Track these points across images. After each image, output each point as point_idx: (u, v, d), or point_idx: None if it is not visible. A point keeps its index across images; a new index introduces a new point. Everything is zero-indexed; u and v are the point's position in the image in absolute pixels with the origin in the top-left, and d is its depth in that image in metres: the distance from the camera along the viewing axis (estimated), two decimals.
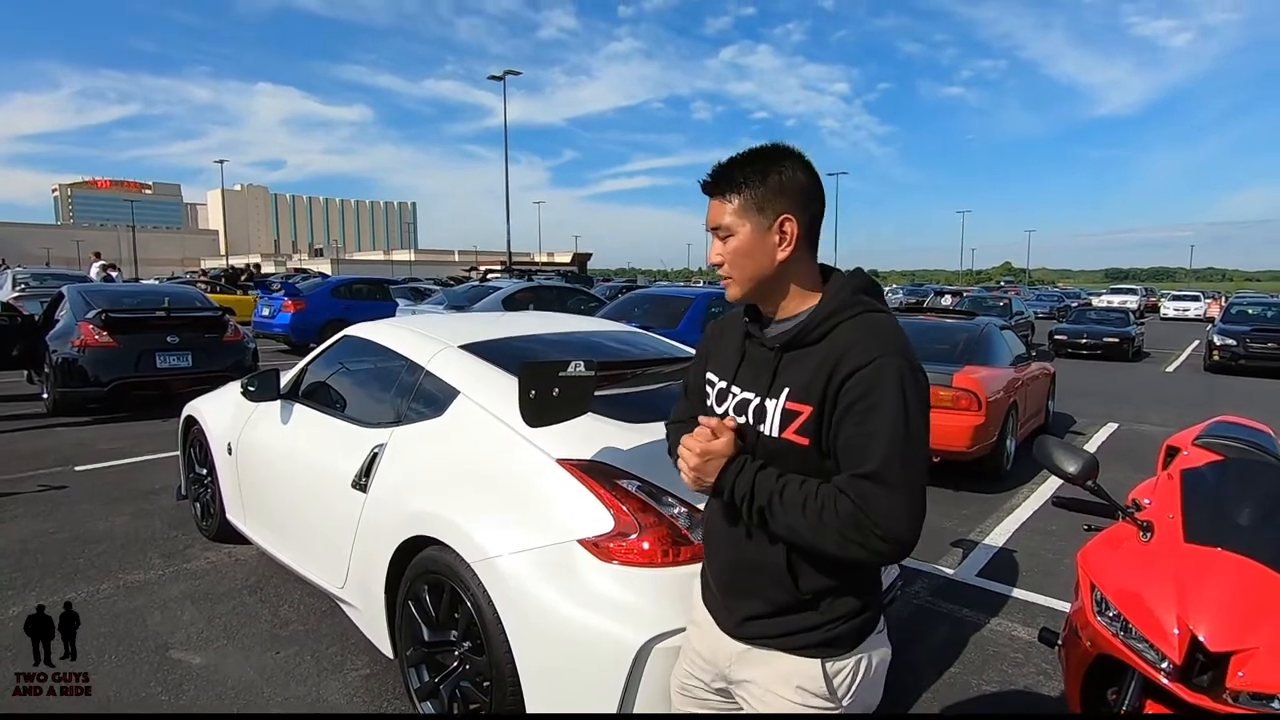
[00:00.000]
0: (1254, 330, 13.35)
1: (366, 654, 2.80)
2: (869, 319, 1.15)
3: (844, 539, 1.06)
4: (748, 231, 1.18)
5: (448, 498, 2.23)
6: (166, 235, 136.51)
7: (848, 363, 1.10)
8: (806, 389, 1.13)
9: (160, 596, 3.30)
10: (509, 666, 1.97)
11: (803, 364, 1.15)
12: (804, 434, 1.14)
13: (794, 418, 1.14)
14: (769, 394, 1.18)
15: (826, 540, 1.08)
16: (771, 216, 1.17)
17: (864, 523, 1.04)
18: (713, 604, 1.33)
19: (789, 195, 1.17)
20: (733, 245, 1.19)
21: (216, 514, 3.77)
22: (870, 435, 1.07)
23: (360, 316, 14.30)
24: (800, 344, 1.17)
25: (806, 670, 1.20)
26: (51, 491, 4.80)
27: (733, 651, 1.27)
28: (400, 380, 2.73)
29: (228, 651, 2.84)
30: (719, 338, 1.38)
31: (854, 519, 1.05)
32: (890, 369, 1.08)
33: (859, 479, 1.06)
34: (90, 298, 7.49)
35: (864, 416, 1.08)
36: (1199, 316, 31.24)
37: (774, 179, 1.17)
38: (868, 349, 1.10)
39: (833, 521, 1.06)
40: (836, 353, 1.12)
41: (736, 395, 1.25)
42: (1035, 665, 2.88)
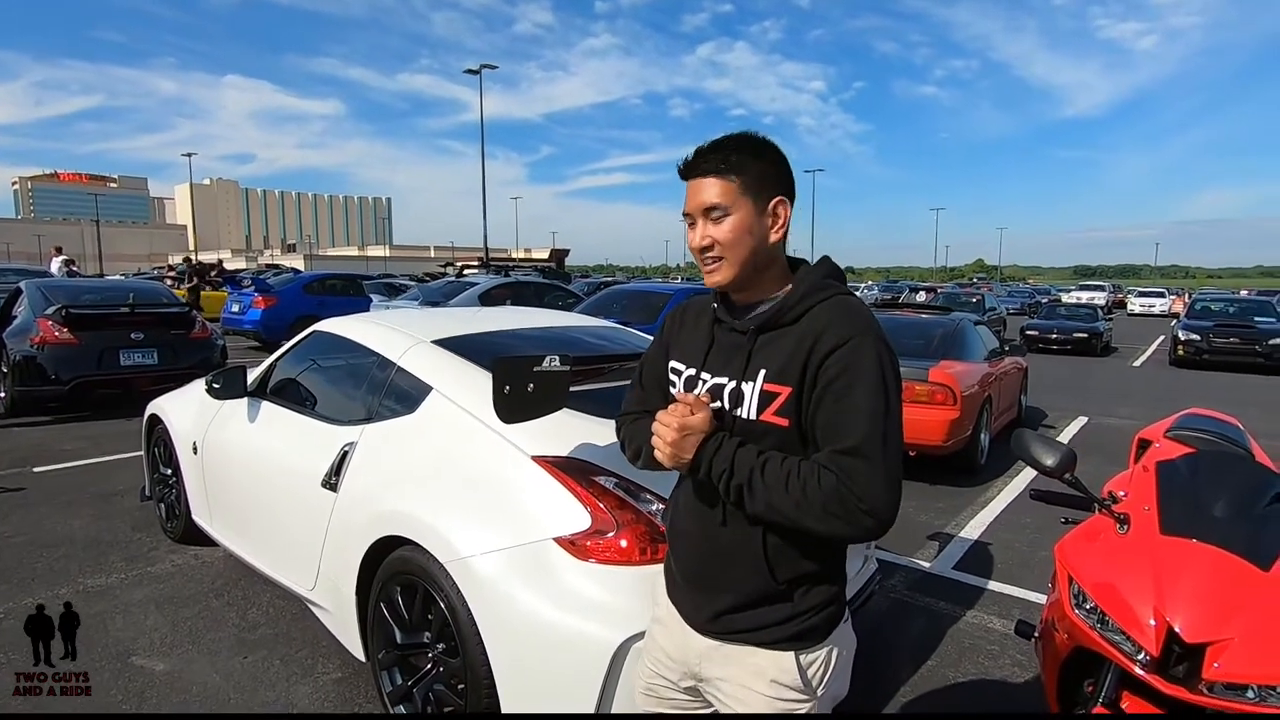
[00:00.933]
0: (1217, 326, 13.69)
1: (338, 657, 2.73)
2: (842, 301, 1.17)
3: (826, 513, 1.06)
4: (747, 211, 1.16)
5: (420, 497, 2.17)
6: (133, 230, 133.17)
7: (825, 342, 1.11)
8: (784, 370, 1.13)
9: (122, 601, 3.19)
10: (484, 668, 1.93)
11: (778, 345, 1.15)
12: (783, 415, 1.13)
13: (772, 399, 1.14)
14: (744, 377, 1.17)
15: (808, 516, 1.07)
16: (767, 199, 1.17)
17: (847, 497, 1.04)
18: (680, 599, 1.30)
19: (781, 179, 1.19)
20: (730, 225, 1.16)
21: (182, 515, 3.66)
22: (851, 411, 1.07)
23: (333, 312, 14.05)
24: (775, 326, 1.17)
25: (780, 663, 1.19)
26: (8, 494, 4.63)
27: (702, 648, 1.25)
28: (371, 376, 2.67)
29: (193, 657, 2.75)
30: (680, 326, 1.36)
31: (837, 493, 1.05)
32: (868, 347, 1.09)
33: (841, 454, 1.06)
34: (49, 293, 7.24)
35: (843, 393, 1.08)
36: (1164, 312, 32.02)
37: (767, 161, 1.18)
38: (845, 328, 1.11)
39: (816, 496, 1.06)
40: (814, 333, 1.12)
41: (708, 381, 1.23)
42: (1010, 657, 2.90)
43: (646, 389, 1.40)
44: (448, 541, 2.00)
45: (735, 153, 1.17)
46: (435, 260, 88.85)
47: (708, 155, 1.18)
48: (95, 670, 2.63)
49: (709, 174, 1.18)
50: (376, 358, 2.67)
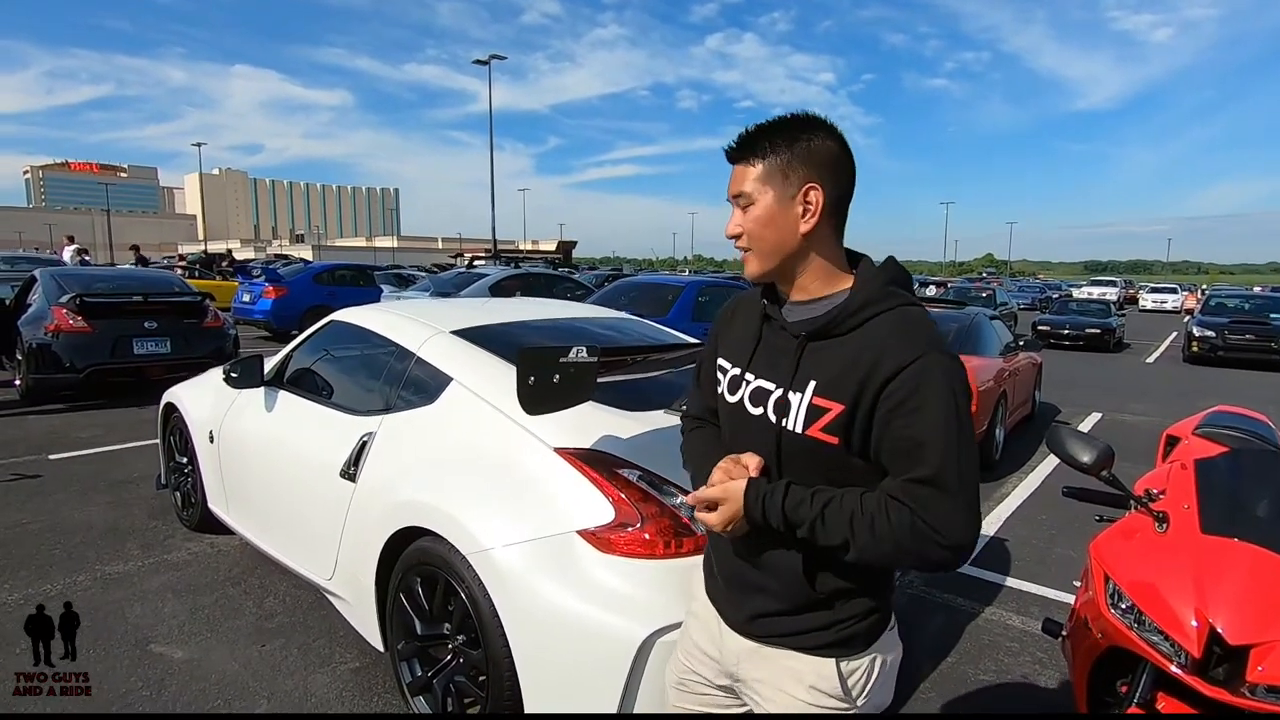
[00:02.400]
0: (1232, 322, 13.55)
1: (355, 647, 2.73)
2: (905, 313, 1.08)
3: (899, 549, 1.00)
4: (770, 199, 1.10)
5: (441, 487, 2.16)
6: (143, 220, 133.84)
7: (889, 361, 1.02)
8: (837, 385, 1.05)
9: (140, 588, 3.20)
10: (506, 661, 1.92)
11: (831, 357, 1.07)
12: (832, 432, 1.06)
13: (821, 414, 1.06)
14: (791, 386, 1.10)
15: (879, 553, 1.02)
16: (796, 185, 1.09)
17: (923, 530, 0.99)
18: (718, 598, 1.27)
19: (816, 163, 1.09)
20: (753, 214, 1.11)
21: (198, 503, 3.66)
22: (922, 438, 1.00)
23: (343, 303, 14.10)
24: (829, 334, 1.09)
25: (820, 669, 1.15)
26: (25, 481, 4.66)
27: (740, 649, 1.22)
28: (390, 366, 2.65)
29: (211, 645, 2.75)
30: (730, 320, 1.29)
31: (912, 528, 0.99)
32: (936, 367, 1.01)
33: (915, 484, 1.00)
34: (64, 281, 7.26)
35: (912, 418, 1.00)
36: (1176, 309, 31.76)
37: (801, 145, 1.09)
38: (910, 346, 1.02)
39: (886, 532, 1.00)
40: (874, 349, 1.04)
41: (752, 383, 1.17)
42: (1031, 655, 2.87)
43: (702, 387, 1.35)
44: (470, 533, 1.98)
45: (769, 135, 1.10)
46: (443, 251, 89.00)
47: (743, 139, 1.13)
48: (114, 657, 2.64)
49: (736, 160, 1.14)
50: (395, 348, 2.66)
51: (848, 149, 1.12)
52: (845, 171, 1.12)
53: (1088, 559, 1.94)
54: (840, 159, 1.11)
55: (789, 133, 1.10)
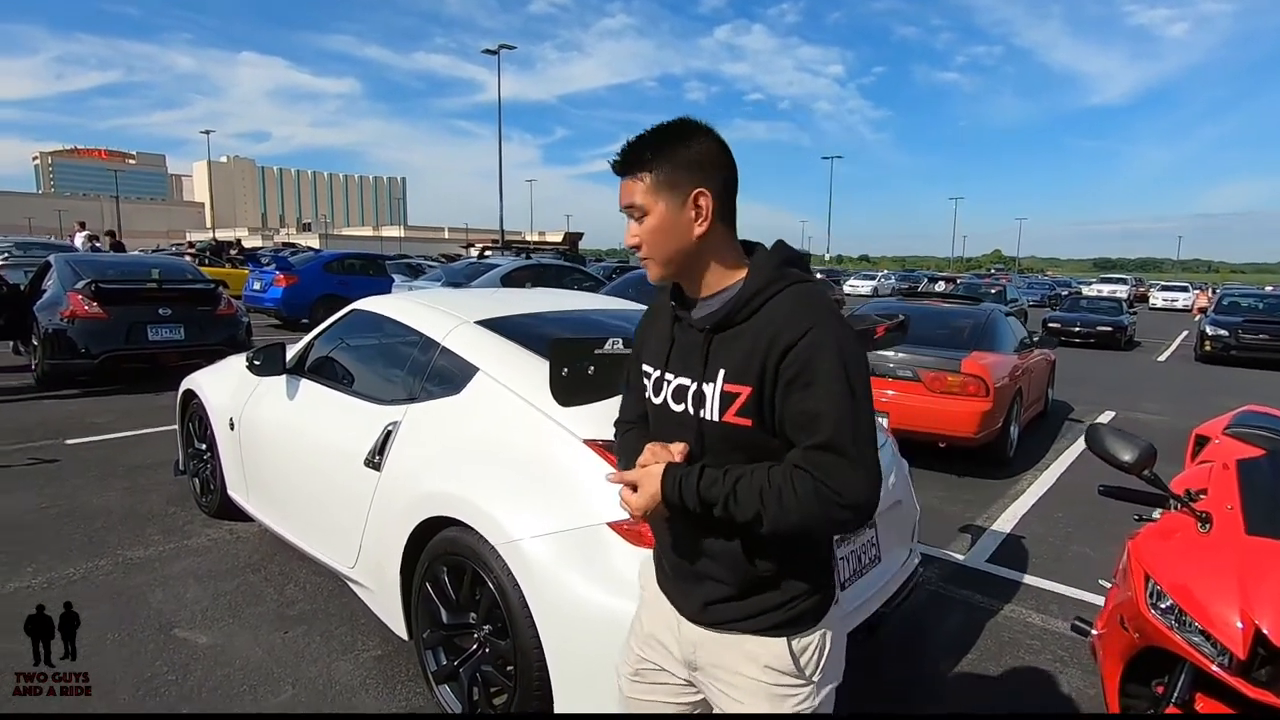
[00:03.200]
0: (1246, 321, 13.44)
1: (377, 635, 2.74)
2: (797, 291, 1.12)
3: (806, 515, 1.05)
4: (662, 209, 1.14)
5: (468, 478, 2.16)
6: (151, 207, 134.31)
7: (782, 338, 1.07)
8: (742, 369, 1.11)
9: (162, 574, 3.22)
10: (535, 652, 1.92)
11: (735, 344, 1.12)
12: (745, 415, 1.11)
13: (733, 400, 1.11)
14: (704, 378, 1.15)
15: (789, 522, 1.06)
16: (685, 192, 1.13)
17: (825, 494, 1.04)
18: (669, 590, 1.29)
19: (701, 169, 1.13)
20: (649, 225, 1.15)
21: (217, 490, 3.68)
22: (817, 408, 1.05)
23: (354, 292, 14.08)
24: (730, 324, 1.13)
25: (773, 649, 1.18)
26: (42, 465, 4.69)
27: (695, 637, 1.23)
28: (415, 356, 2.65)
29: (234, 631, 2.77)
30: (649, 325, 1.33)
31: (815, 493, 1.04)
32: (826, 338, 1.06)
33: (813, 450, 1.05)
34: (79, 267, 7.29)
35: (807, 391, 1.06)
36: (1186, 307, 31.54)
37: (683, 154, 1.13)
38: (800, 321, 1.08)
39: (793, 502, 1.05)
40: (770, 329, 1.09)
41: (671, 382, 1.21)
42: (1051, 652, 2.87)
43: (631, 392, 1.37)
44: (499, 523, 1.98)
45: (649, 148, 1.14)
46: (450, 241, 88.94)
47: (625, 154, 1.16)
48: (138, 642, 2.66)
49: (626, 174, 1.16)
50: (420, 337, 2.66)
51: (727, 148, 1.17)
52: (728, 168, 1.16)
53: (1124, 558, 1.93)
54: (721, 157, 1.15)
55: (670, 142, 1.13)
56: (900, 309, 6.44)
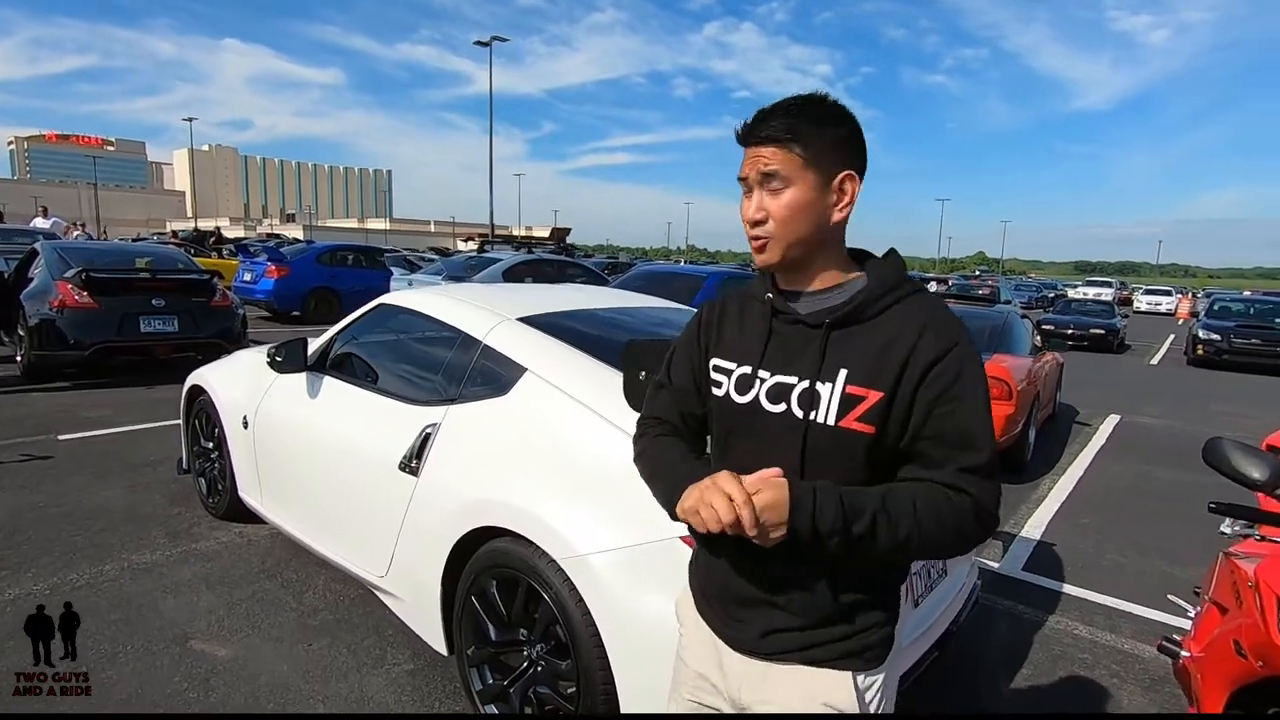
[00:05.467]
0: (1238, 326, 13.58)
1: (407, 647, 2.60)
2: (930, 300, 1.06)
3: (958, 536, 1.00)
4: (809, 185, 1.02)
5: (523, 486, 2.02)
6: (130, 195, 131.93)
7: (927, 347, 1.00)
8: (872, 372, 1.00)
9: (171, 580, 3.05)
10: (601, 674, 1.79)
11: (859, 343, 1.02)
12: (869, 421, 1.00)
13: (856, 403, 1.00)
14: (819, 376, 1.03)
15: (941, 543, 1.00)
16: (833, 172, 1.03)
17: (983, 517, 1.00)
18: (715, 618, 1.14)
19: (854, 152, 1.05)
20: (787, 199, 1.02)
21: (227, 491, 3.51)
22: (971, 426, 1.00)
23: (346, 285, 13.80)
24: (853, 320, 1.04)
25: (835, 683, 1.06)
26: (36, 461, 4.48)
27: (744, 672, 1.10)
28: (453, 354, 2.51)
29: (254, 643, 2.62)
30: (721, 318, 1.18)
31: (975, 515, 0.99)
32: (970, 357, 1.02)
33: (969, 474, 0.99)
34: (68, 255, 7.03)
35: (957, 404, 0.99)
36: (1170, 311, 31.96)
37: (841, 131, 1.04)
38: (948, 333, 1.01)
39: (951, 522, 0.98)
40: (909, 335, 1.00)
41: (767, 380, 1.07)
42: (1105, 667, 2.78)
43: (677, 391, 1.20)
44: (562, 537, 1.85)
45: (802, 118, 1.02)
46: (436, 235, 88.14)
47: (771, 118, 1.03)
48: (154, 654, 2.50)
49: (771, 141, 1.03)
50: (458, 334, 2.52)
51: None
52: (865, 161, 1.09)
53: (1215, 575, 1.84)
54: (864, 149, 1.08)
55: (823, 116, 1.04)
56: None
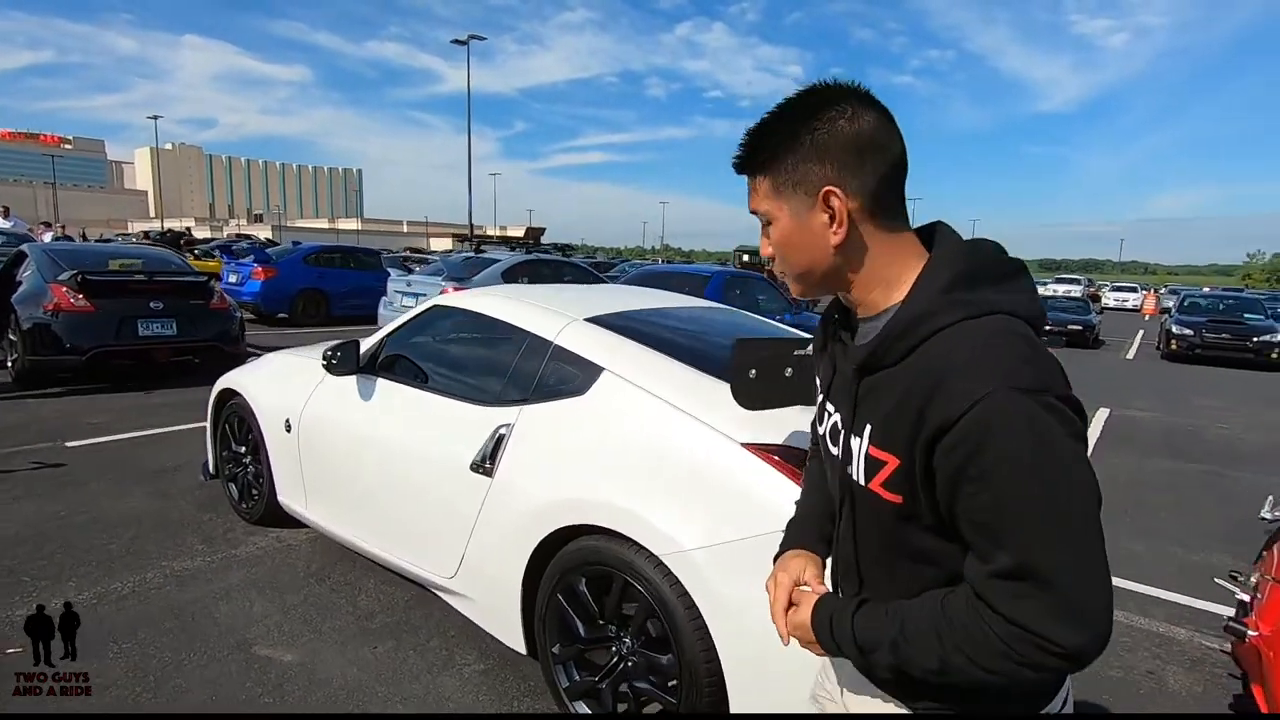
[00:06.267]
0: (1209, 322, 14.05)
1: (474, 648, 2.61)
2: (972, 330, 0.79)
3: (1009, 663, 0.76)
4: (786, 216, 0.89)
5: (614, 484, 2.05)
6: (90, 194, 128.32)
7: (939, 405, 0.76)
8: (890, 434, 0.83)
9: (219, 586, 3.01)
10: (707, 667, 1.83)
11: (884, 394, 0.84)
12: (893, 490, 0.84)
13: (879, 468, 0.85)
14: (852, 429, 0.89)
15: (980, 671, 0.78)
16: (813, 191, 0.86)
17: (1016, 633, 0.74)
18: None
19: (831, 158, 0.84)
20: (775, 236, 0.91)
21: (264, 496, 3.47)
22: (998, 512, 0.75)
23: (334, 286, 13.62)
24: (878, 366, 0.85)
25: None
26: (49, 470, 4.37)
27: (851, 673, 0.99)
28: (521, 355, 2.52)
29: (318, 647, 2.60)
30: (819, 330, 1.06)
31: (1015, 637, 0.74)
32: (1006, 412, 0.73)
33: (999, 579, 0.76)
34: (59, 257, 6.85)
35: (981, 485, 0.75)
36: (1136, 307, 32.92)
37: (807, 141, 0.85)
38: (969, 381, 0.75)
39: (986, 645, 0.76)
40: (925, 386, 0.78)
41: (831, 415, 0.97)
42: (1147, 650, 2.90)
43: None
44: (663, 534, 1.88)
45: (768, 135, 0.88)
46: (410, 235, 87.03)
47: (741, 146, 0.91)
48: (220, 661, 2.47)
49: (744, 170, 0.92)
50: (526, 335, 2.53)
51: (876, 123, 0.85)
52: (879, 152, 0.85)
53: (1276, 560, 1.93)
54: (867, 139, 0.85)
55: (792, 125, 0.86)
56: None
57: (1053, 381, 0.77)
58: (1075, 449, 0.75)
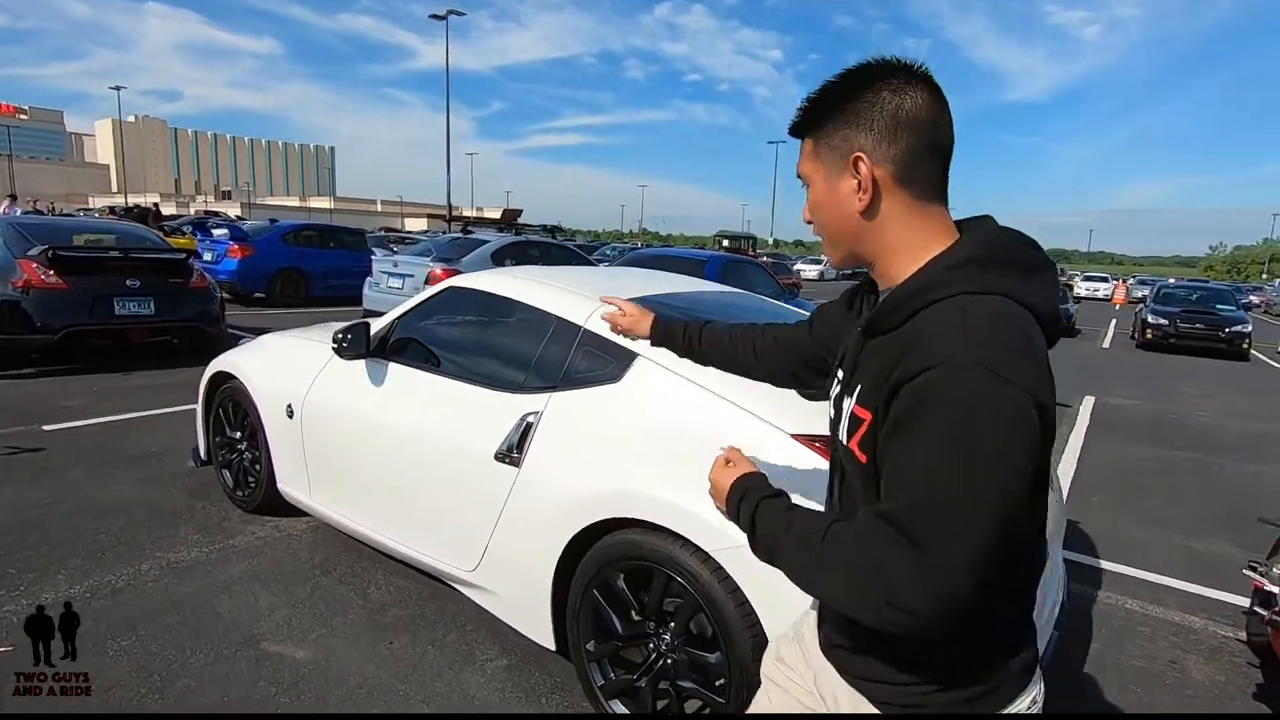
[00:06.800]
0: (1184, 311, 14.34)
1: (495, 643, 2.52)
2: (961, 304, 0.82)
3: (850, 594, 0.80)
4: (821, 179, 0.94)
5: (656, 475, 1.96)
6: (48, 167, 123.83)
7: (906, 364, 0.80)
8: (871, 391, 0.86)
9: (219, 578, 2.88)
10: (758, 665, 1.76)
11: (878, 357, 0.87)
12: (864, 449, 0.87)
13: (858, 426, 0.88)
14: (846, 389, 0.94)
15: (833, 591, 0.83)
16: (845, 156, 0.90)
17: (874, 576, 0.78)
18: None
19: (868, 126, 0.88)
20: (811, 198, 0.97)
21: (261, 484, 3.33)
22: (903, 465, 0.79)
23: (313, 265, 13.27)
24: (878, 330, 0.89)
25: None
26: (26, 454, 4.16)
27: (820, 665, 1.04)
28: (547, 340, 2.41)
29: (331, 643, 2.49)
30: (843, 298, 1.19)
31: (863, 568, 0.79)
32: (949, 383, 0.76)
33: (878, 518, 0.79)
34: (29, 232, 6.52)
35: (906, 440, 0.79)
36: (1107, 296, 33.63)
37: (851, 108, 0.90)
38: (934, 349, 0.78)
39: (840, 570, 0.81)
40: (904, 348, 0.82)
41: (839, 380, 1.01)
42: (1165, 639, 2.91)
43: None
44: (714, 527, 1.80)
45: (818, 99, 0.93)
46: (383, 215, 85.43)
47: (797, 111, 0.96)
48: (229, 659, 2.35)
49: (796, 135, 0.98)
50: (551, 319, 2.42)
51: (922, 99, 0.88)
52: (917, 127, 0.88)
53: None
54: (907, 112, 0.87)
55: (841, 92, 0.91)
56: None
57: (1025, 378, 0.77)
58: (1009, 443, 0.75)
